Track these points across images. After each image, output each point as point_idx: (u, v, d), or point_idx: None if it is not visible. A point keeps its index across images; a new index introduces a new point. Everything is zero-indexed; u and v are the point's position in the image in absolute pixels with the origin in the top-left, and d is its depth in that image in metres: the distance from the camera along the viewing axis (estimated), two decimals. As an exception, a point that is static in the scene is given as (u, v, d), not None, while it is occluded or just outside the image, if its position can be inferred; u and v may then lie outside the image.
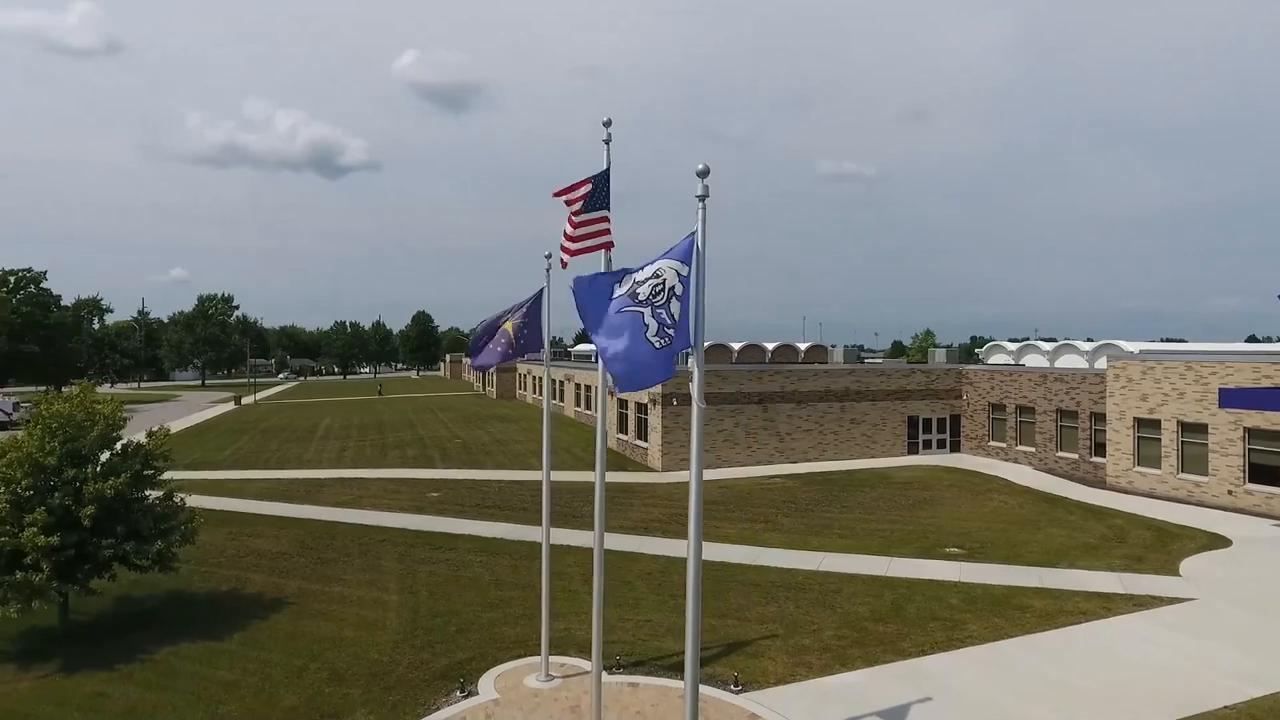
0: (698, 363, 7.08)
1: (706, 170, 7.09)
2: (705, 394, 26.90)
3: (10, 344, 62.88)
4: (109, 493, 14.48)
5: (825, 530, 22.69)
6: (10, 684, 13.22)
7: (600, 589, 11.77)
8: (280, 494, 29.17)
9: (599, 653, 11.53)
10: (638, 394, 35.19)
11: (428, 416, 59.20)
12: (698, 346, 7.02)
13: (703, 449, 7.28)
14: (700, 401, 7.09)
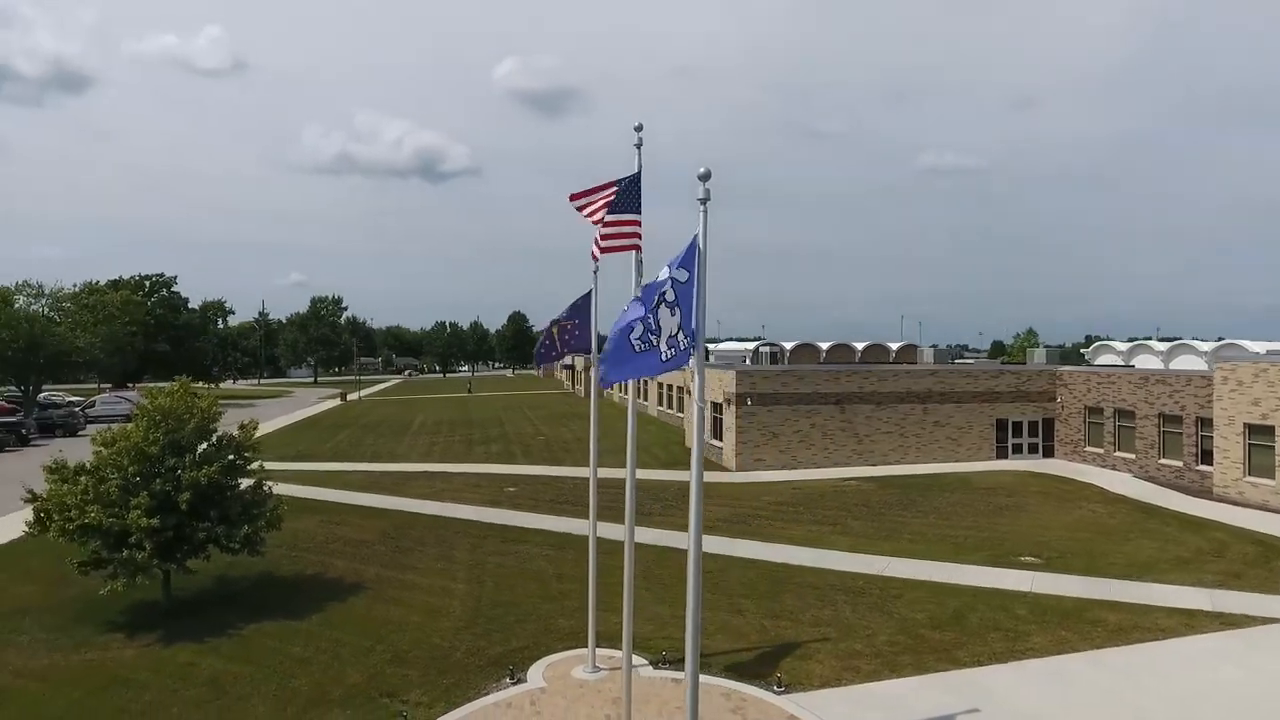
0: (698, 363, 7.25)
1: (708, 174, 7.24)
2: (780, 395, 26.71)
3: (145, 343, 68.96)
4: (203, 480, 15.82)
5: (895, 535, 22.17)
6: (117, 651, 14.66)
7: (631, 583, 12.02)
8: (370, 485, 30.84)
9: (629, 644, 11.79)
10: (714, 394, 35.24)
11: (515, 414, 60.98)
12: (698, 347, 7.18)
13: (703, 445, 7.43)
14: (699, 400, 7.25)
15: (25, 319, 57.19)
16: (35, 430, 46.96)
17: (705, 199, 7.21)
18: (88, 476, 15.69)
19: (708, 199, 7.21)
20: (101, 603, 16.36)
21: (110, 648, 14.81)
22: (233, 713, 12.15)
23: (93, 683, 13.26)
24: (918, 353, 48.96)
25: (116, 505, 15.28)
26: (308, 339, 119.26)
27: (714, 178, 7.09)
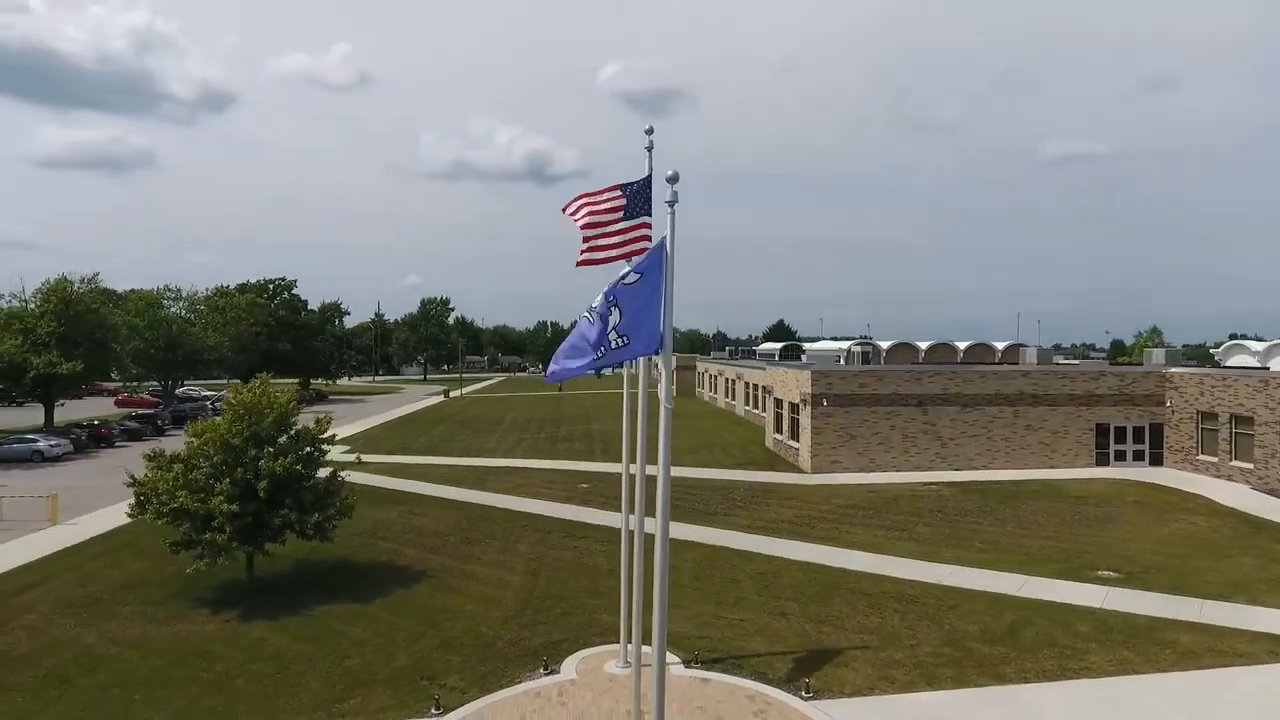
0: (665, 363, 7.35)
1: (676, 177, 7.34)
2: (858, 396, 26.07)
3: (268, 342, 74.26)
4: (279, 470, 17.09)
5: (964, 542, 21.28)
6: (201, 624, 16.07)
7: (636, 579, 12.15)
8: (453, 479, 32.18)
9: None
10: (791, 394, 34.73)
11: (603, 412, 61.94)
12: (665, 347, 7.29)
13: (670, 445, 7.52)
14: (667, 401, 7.35)
15: (166, 321, 62.74)
16: (169, 421, 51.48)
17: (673, 201, 7.31)
18: (180, 465, 17.26)
19: (675, 201, 7.31)
20: (195, 580, 17.95)
21: (196, 621, 16.24)
22: (288, 687, 13.11)
23: (175, 652, 14.60)
24: (1020, 353, 46.44)
25: (203, 491, 16.73)
26: (418, 338, 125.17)
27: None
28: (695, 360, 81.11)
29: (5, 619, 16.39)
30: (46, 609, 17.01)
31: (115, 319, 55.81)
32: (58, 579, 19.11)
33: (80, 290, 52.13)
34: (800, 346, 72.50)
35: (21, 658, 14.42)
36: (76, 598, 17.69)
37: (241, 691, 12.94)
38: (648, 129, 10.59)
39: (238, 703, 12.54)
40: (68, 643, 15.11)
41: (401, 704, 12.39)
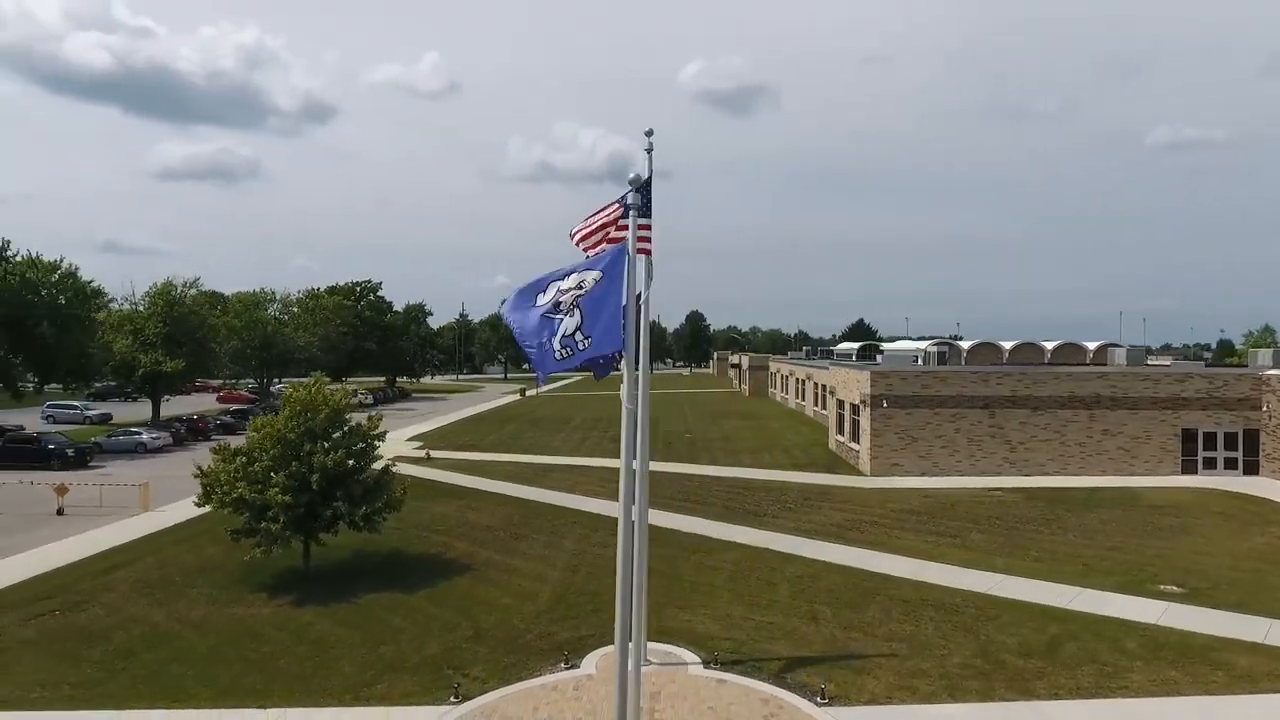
0: (628, 365, 7.46)
1: (638, 179, 7.44)
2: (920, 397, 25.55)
3: (355, 342, 77.90)
4: (330, 464, 18.00)
5: (1019, 551, 20.42)
6: (258, 608, 17.09)
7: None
8: (513, 475, 33.01)
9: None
10: (852, 395, 34.02)
11: (672, 412, 62.06)
12: (628, 348, 7.40)
13: (633, 447, 7.61)
14: (629, 402, 7.47)
15: (261, 322, 66.62)
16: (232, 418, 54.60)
17: (636, 205, 7.41)
18: (242, 458, 18.39)
19: (639, 205, 7.40)
20: (258, 566, 19.04)
21: (253, 604, 17.28)
22: (324, 669, 13.83)
23: (231, 633, 15.60)
24: (1107, 354, 43.98)
25: (260, 483, 17.79)
26: (499, 338, 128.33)
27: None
28: (768, 360, 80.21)
29: (90, 596, 17.85)
30: (126, 588, 18.43)
31: (215, 320, 59.67)
32: (140, 561, 20.65)
33: (183, 293, 55.95)
34: (877, 346, 70.66)
35: (98, 632, 15.70)
36: (153, 579, 19.10)
37: (281, 671, 13.73)
38: (647, 130, 10.71)
39: (276, 681, 13.32)
40: (139, 620, 16.35)
41: (424, 690, 12.88)
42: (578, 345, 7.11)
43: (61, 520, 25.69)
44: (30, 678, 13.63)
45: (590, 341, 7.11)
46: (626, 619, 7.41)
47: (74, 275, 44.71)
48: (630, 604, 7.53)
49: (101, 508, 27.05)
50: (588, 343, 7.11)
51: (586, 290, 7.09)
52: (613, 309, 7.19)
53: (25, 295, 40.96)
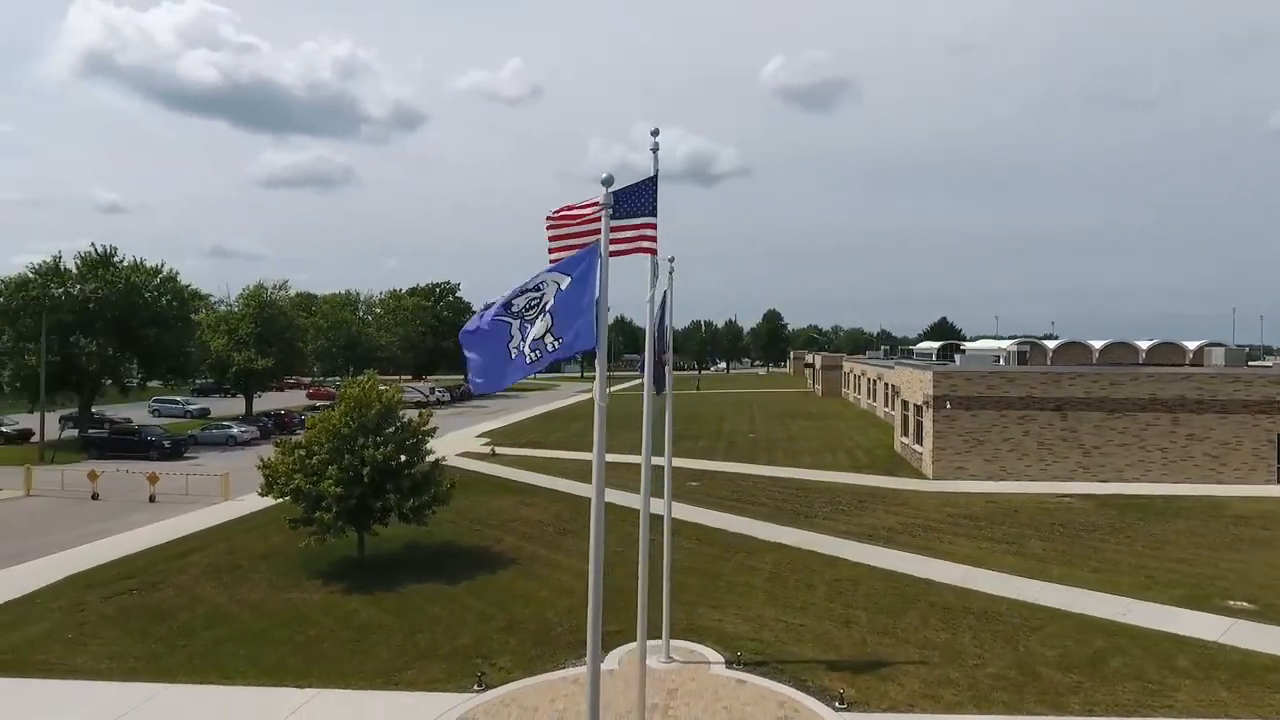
0: (599, 364, 7.57)
1: (611, 179, 7.54)
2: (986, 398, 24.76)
3: (434, 341, 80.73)
4: (380, 458, 18.79)
5: (1079, 560, 19.45)
6: (311, 594, 17.99)
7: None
8: (571, 472, 33.50)
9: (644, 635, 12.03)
10: (915, 396, 33.04)
11: (740, 411, 61.61)
12: (600, 348, 7.50)
13: (604, 448, 7.70)
14: (601, 400, 7.57)
15: (346, 322, 69.80)
16: None
17: (607, 204, 7.51)
18: (300, 451, 19.40)
19: (609, 204, 7.51)
20: (317, 555, 20.02)
21: (308, 590, 18.20)
22: (362, 654, 14.47)
23: (283, 616, 16.50)
24: (1205, 354, 41.21)
25: (315, 475, 18.72)
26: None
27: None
28: (841, 360, 78.56)
29: (164, 577, 19.18)
30: (197, 572, 19.71)
31: (303, 321, 62.89)
32: (213, 547, 22.04)
33: (273, 295, 59.16)
34: (958, 346, 68.26)
35: (166, 611, 16.87)
36: (222, 563, 20.35)
37: (323, 654, 14.45)
38: (653, 130, 10.78)
39: (316, 663, 14.03)
40: (203, 601, 17.48)
41: (450, 678, 13.33)
42: (547, 347, 7.24)
43: (153, 507, 27.62)
44: (103, 650, 14.79)
45: (561, 342, 7.23)
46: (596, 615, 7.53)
47: (173, 279, 47.89)
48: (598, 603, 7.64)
49: (187, 496, 28.94)
50: (558, 343, 7.23)
51: (557, 294, 7.22)
52: (585, 311, 7.30)
53: (130, 298, 44.15)
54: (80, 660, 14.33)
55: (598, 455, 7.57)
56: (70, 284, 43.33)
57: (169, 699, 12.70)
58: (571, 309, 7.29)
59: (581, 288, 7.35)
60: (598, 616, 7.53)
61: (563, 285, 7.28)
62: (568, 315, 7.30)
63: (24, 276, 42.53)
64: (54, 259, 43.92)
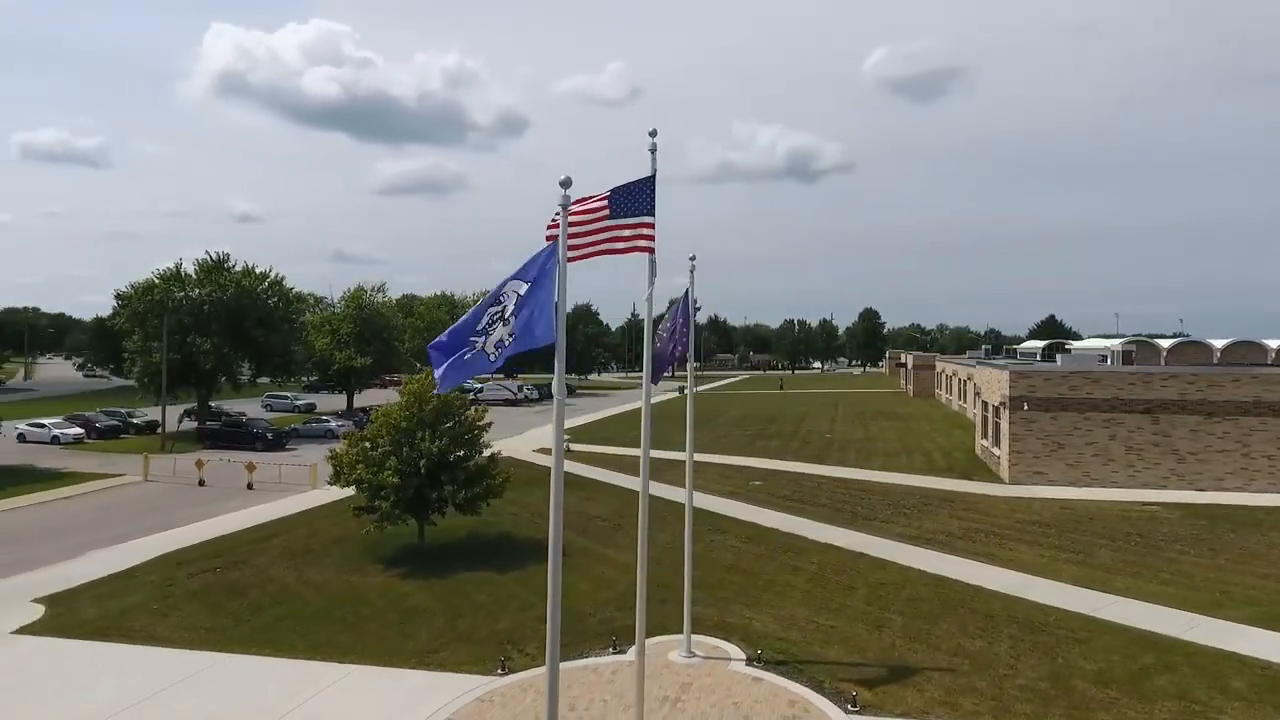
0: (558, 357, 7.87)
1: (569, 181, 7.83)
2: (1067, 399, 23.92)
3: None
4: (435, 451, 19.75)
5: (1149, 573, 18.27)
6: (371, 577, 19.10)
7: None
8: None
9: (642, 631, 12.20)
10: (993, 396, 31.65)
11: (822, 412, 60.46)
12: (559, 344, 7.81)
13: (562, 445, 7.99)
14: (560, 394, 7.88)
15: (442, 323, 72.81)
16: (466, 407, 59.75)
17: (565, 205, 7.81)
18: (365, 443, 20.62)
19: (568, 204, 7.81)
20: (383, 541, 21.20)
21: (369, 574, 19.35)
22: (404, 635, 15.32)
23: (342, 596, 17.64)
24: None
25: (376, 466, 19.87)
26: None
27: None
28: (934, 360, 75.72)
29: (245, 558, 20.79)
30: (275, 554, 21.25)
31: (400, 321, 66.14)
32: (293, 532, 23.67)
33: (372, 297, 62.48)
34: (1063, 345, 64.62)
35: (240, 589, 18.33)
36: (298, 547, 21.86)
37: (368, 633, 15.39)
38: (651, 131, 10.99)
39: (361, 641, 14.97)
40: (275, 580, 18.88)
41: (478, 661, 13.96)
42: (505, 345, 7.61)
43: (249, 493, 29.87)
44: (181, 621, 16.27)
45: (514, 338, 7.59)
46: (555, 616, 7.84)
47: (279, 283, 51.38)
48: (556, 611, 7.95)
49: (280, 484, 31.12)
50: (511, 339, 7.59)
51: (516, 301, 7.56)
52: (543, 307, 7.63)
53: (241, 301, 47.71)
54: (160, 629, 15.82)
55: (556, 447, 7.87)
56: (189, 288, 47.20)
57: (224, 667, 13.87)
58: (528, 307, 7.64)
59: (538, 287, 7.69)
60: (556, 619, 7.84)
61: (521, 291, 7.64)
62: (526, 313, 7.65)
63: (150, 281, 46.68)
64: (175, 265, 48.03)
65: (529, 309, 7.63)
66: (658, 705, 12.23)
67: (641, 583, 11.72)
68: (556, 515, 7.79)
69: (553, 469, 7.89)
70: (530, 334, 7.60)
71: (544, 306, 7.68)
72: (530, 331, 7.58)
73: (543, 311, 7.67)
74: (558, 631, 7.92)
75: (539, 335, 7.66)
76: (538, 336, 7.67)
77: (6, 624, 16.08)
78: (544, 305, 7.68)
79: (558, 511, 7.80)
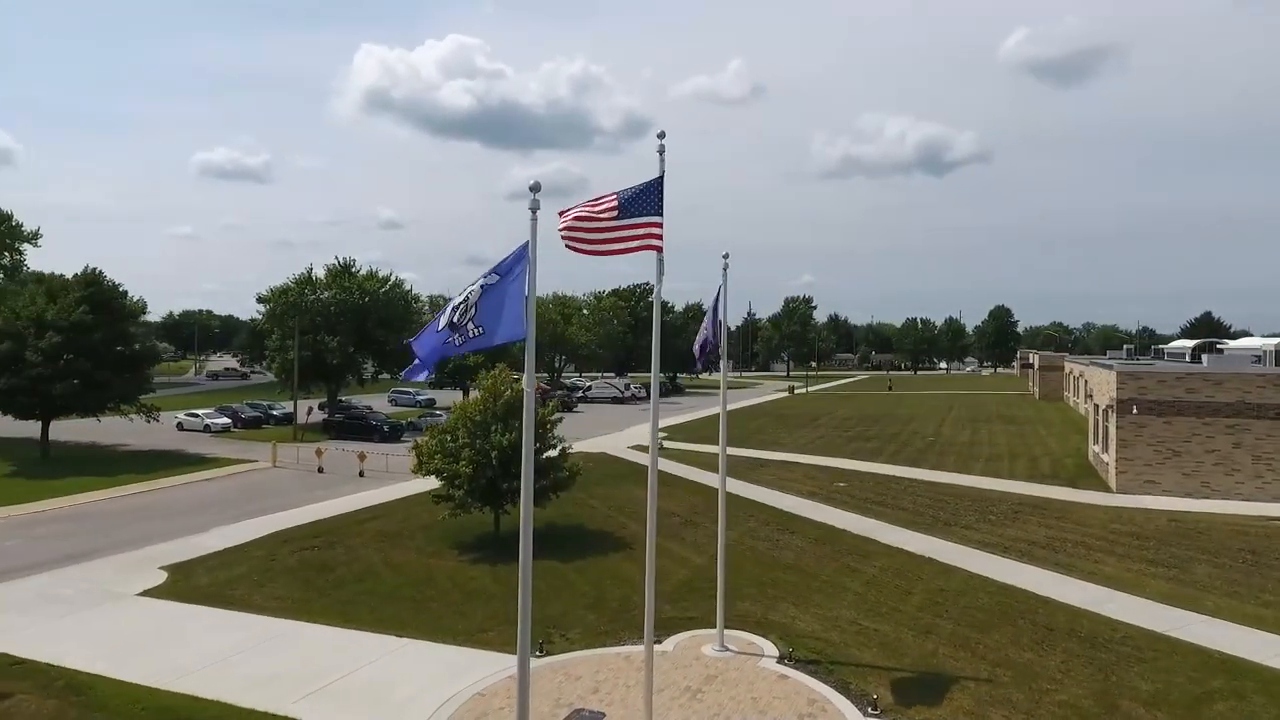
0: (529, 352, 8.36)
1: (538, 185, 8.31)
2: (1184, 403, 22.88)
3: (634, 340, 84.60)
4: (505, 444, 20.80)
5: (1249, 592, 16.70)
6: (446, 560, 20.36)
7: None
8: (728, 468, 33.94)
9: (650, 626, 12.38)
10: (1103, 399, 29.49)
11: (934, 414, 57.94)
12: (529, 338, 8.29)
13: (532, 447, 8.47)
14: (528, 386, 8.37)
15: (551, 322, 75.28)
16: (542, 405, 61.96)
17: (535, 208, 8.29)
18: (445, 435, 21.98)
19: (538, 207, 8.28)
20: (464, 528, 22.48)
21: (445, 558, 20.64)
22: (459, 614, 16.32)
23: (416, 577, 18.94)
24: None
25: (452, 457, 21.15)
26: (780, 336, 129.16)
27: None
28: (1063, 360, 70.80)
29: (341, 539, 22.62)
30: (368, 536, 22.99)
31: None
32: (387, 517, 25.48)
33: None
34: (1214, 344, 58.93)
35: (330, 566, 20.02)
36: (389, 531, 23.55)
37: (429, 611, 16.51)
38: (660, 133, 11.27)
39: (420, 617, 16.10)
40: (361, 560, 20.48)
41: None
42: (469, 334, 8.16)
43: (360, 481, 32.29)
44: (274, 591, 18.02)
45: (481, 330, 8.12)
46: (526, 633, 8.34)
47: (399, 285, 54.89)
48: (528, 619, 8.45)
49: (389, 472, 33.40)
50: (479, 331, 8.12)
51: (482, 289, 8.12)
52: (511, 303, 8.14)
53: (364, 302, 51.37)
54: (255, 598, 17.60)
55: (527, 441, 8.37)
56: (319, 291, 51.30)
57: (300, 634, 15.31)
58: (497, 302, 8.17)
59: (510, 283, 8.21)
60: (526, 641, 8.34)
61: (490, 283, 8.19)
62: (493, 307, 8.18)
63: (285, 285, 51.12)
64: (307, 270, 52.33)
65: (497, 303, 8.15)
66: (679, 695, 12.53)
67: (650, 579, 12.06)
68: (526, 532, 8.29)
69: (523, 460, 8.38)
70: (500, 328, 8.13)
71: (513, 302, 8.19)
72: (497, 327, 8.12)
73: (512, 308, 8.18)
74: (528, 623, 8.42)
75: (508, 331, 8.19)
76: (507, 332, 8.20)
77: (134, 586, 18.38)
78: (514, 301, 8.20)
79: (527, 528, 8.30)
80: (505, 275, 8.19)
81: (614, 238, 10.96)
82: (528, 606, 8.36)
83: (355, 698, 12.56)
